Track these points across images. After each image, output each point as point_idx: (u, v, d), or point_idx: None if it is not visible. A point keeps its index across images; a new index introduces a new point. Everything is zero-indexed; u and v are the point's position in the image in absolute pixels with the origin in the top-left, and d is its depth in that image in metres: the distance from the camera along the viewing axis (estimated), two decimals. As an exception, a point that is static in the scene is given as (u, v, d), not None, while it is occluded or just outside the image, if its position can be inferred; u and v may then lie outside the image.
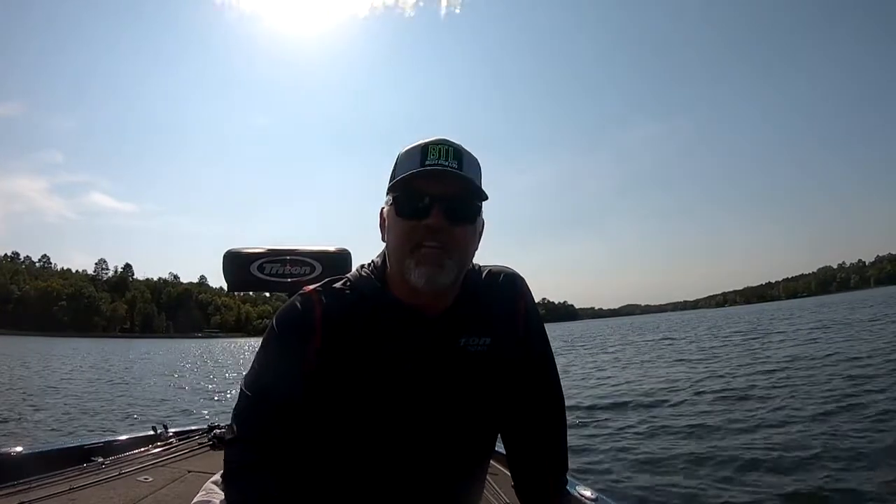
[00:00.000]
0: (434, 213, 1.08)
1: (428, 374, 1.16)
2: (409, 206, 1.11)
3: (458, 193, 1.11)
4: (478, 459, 1.30)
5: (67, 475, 2.33)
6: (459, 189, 1.11)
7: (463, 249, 1.14)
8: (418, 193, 1.10)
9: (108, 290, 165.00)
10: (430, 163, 1.10)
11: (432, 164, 1.09)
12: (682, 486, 4.65)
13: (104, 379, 18.69)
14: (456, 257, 1.12)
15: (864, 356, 11.66)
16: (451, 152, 1.12)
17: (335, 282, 1.21)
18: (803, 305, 76.41)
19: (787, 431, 6.10)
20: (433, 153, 1.11)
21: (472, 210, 1.14)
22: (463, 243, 1.14)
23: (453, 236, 1.11)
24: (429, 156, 1.10)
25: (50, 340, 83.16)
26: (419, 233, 1.09)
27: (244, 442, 1.11)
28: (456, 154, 1.12)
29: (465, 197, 1.12)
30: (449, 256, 1.10)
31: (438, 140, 1.13)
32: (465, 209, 1.13)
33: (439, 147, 1.12)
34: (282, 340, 1.16)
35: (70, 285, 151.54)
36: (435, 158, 1.10)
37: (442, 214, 1.08)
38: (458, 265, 1.13)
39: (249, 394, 1.14)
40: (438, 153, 1.11)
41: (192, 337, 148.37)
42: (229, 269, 2.53)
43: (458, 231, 1.12)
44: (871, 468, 4.65)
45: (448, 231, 1.09)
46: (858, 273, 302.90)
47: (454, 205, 1.10)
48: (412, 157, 1.12)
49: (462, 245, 1.14)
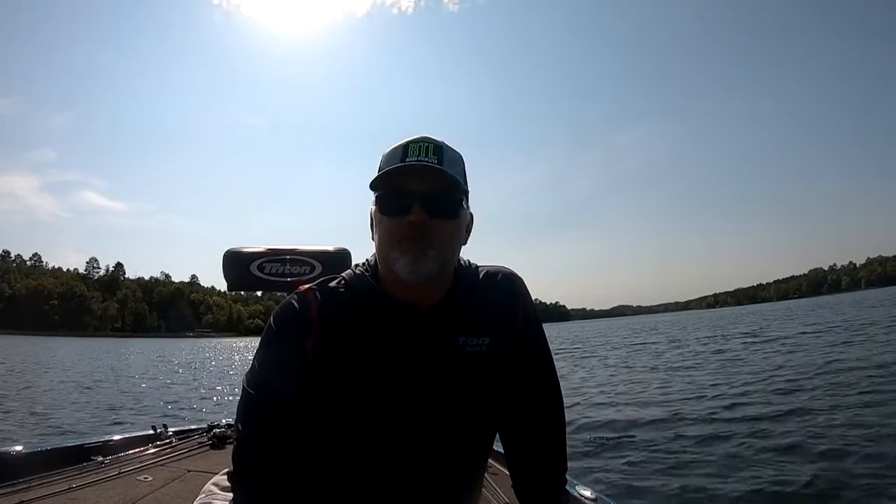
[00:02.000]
0: (415, 209, 1.09)
1: (424, 371, 1.16)
2: (390, 203, 1.13)
3: (438, 189, 1.12)
4: (476, 459, 1.30)
5: (67, 474, 2.33)
6: (439, 184, 1.12)
7: (446, 242, 1.14)
8: (398, 190, 1.11)
9: (99, 289, 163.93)
10: (409, 160, 1.11)
11: (412, 160, 1.11)
12: (683, 486, 4.67)
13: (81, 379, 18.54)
14: (438, 247, 1.12)
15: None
16: (432, 149, 1.13)
17: (330, 280, 1.22)
18: (798, 305, 76.64)
19: (790, 431, 6.11)
20: (413, 151, 1.12)
21: (452, 204, 1.15)
22: (446, 236, 1.14)
23: (434, 230, 1.11)
24: (409, 153, 1.12)
25: (41, 340, 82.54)
26: (402, 229, 1.10)
27: (253, 442, 1.11)
28: (436, 150, 1.13)
29: (445, 192, 1.13)
30: (430, 246, 1.10)
31: (420, 138, 1.14)
32: (446, 204, 1.13)
33: (419, 144, 1.13)
34: (280, 338, 1.16)
35: (61, 284, 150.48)
36: (415, 156, 1.11)
37: (422, 210, 1.09)
38: (440, 255, 1.13)
39: (253, 392, 1.13)
40: (419, 150, 1.12)
41: (183, 336, 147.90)
42: (229, 269, 2.52)
43: (440, 225, 1.12)
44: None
45: (429, 225, 1.10)
46: (849, 275, 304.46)
47: (434, 200, 1.11)
48: (394, 155, 1.14)
49: (445, 238, 1.14)
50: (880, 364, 10.29)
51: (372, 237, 1.22)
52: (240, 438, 1.13)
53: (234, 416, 1.17)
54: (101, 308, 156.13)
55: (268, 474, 1.08)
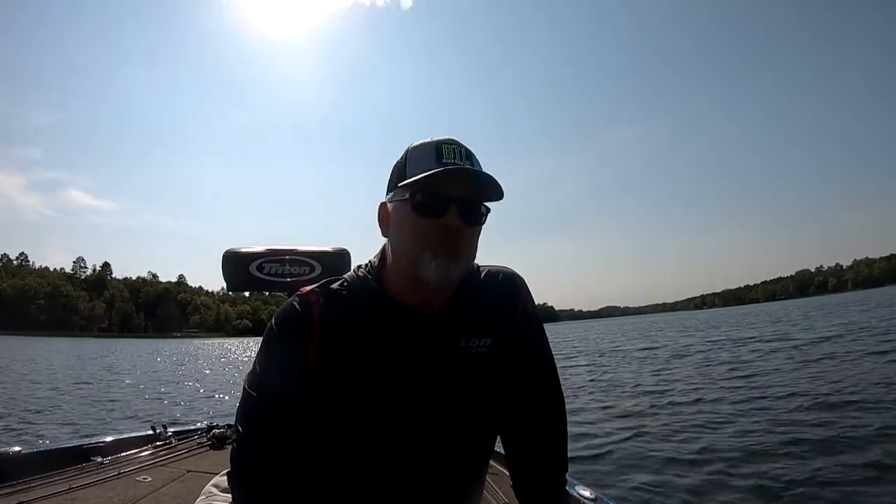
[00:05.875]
0: (451, 213, 1.08)
1: (426, 372, 1.16)
2: (428, 205, 1.09)
3: (475, 194, 1.11)
4: (477, 459, 1.30)
5: (67, 475, 2.32)
6: (475, 190, 1.11)
7: (473, 249, 1.16)
8: (439, 193, 1.09)
9: (86, 288, 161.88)
10: (446, 162, 1.09)
11: (449, 163, 1.10)
12: (683, 487, 4.69)
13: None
14: (466, 256, 1.13)
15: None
16: (464, 153, 1.12)
17: (332, 282, 1.21)
18: (785, 307, 76.96)
19: (791, 431, 6.11)
20: (448, 153, 1.10)
21: (484, 212, 1.14)
22: (474, 244, 1.15)
23: (466, 236, 1.11)
24: (444, 155, 1.10)
25: (31, 340, 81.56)
26: (435, 231, 1.08)
27: (253, 443, 1.10)
28: (468, 154, 1.12)
29: (479, 198, 1.12)
30: (460, 254, 1.11)
31: (449, 140, 1.13)
32: (479, 211, 1.13)
33: (453, 147, 1.11)
34: (282, 341, 1.15)
35: (48, 284, 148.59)
36: (451, 158, 1.10)
37: (459, 215, 1.08)
38: (466, 264, 1.15)
39: (254, 394, 1.12)
40: (453, 153, 1.11)
41: (170, 337, 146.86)
42: (228, 269, 2.52)
43: (471, 231, 1.12)
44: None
45: (462, 231, 1.10)
46: (836, 276, 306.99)
47: (470, 206, 1.10)
48: (426, 155, 1.11)
49: (473, 245, 1.15)
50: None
51: (383, 233, 1.21)
52: (239, 440, 1.12)
53: (234, 416, 1.17)
54: (88, 308, 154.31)
55: (267, 475, 1.07)
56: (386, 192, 1.20)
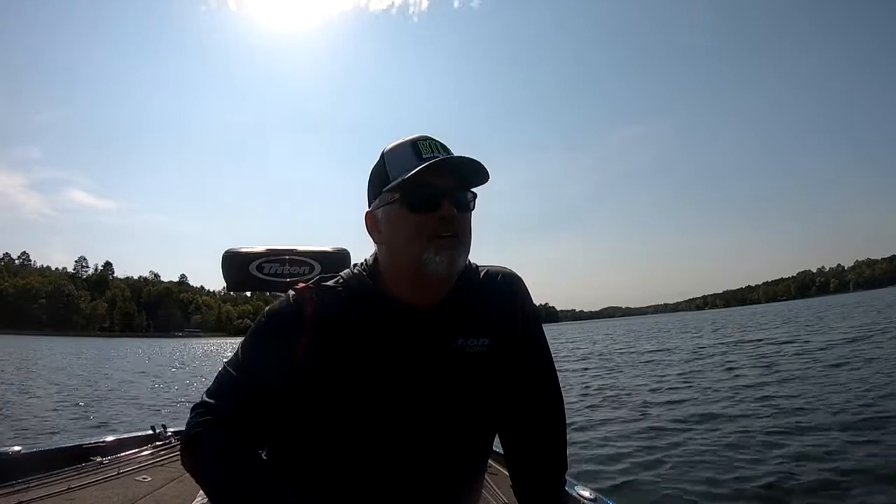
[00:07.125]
0: (445, 204, 1.10)
1: (423, 371, 1.16)
2: (420, 200, 1.11)
3: (460, 183, 1.14)
4: (476, 459, 1.30)
5: (66, 475, 2.33)
6: (462, 178, 1.14)
7: (470, 235, 1.17)
8: (428, 187, 1.11)
9: (87, 288, 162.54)
10: (427, 157, 1.11)
11: (429, 158, 1.11)
12: (683, 487, 4.69)
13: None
14: (466, 243, 1.16)
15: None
16: (439, 146, 1.14)
17: (328, 280, 1.22)
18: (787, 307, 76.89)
19: (792, 431, 6.13)
20: (425, 148, 1.12)
21: (473, 198, 1.17)
22: (469, 230, 1.17)
23: (461, 224, 1.13)
24: (423, 151, 1.12)
25: (31, 339, 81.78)
26: (433, 224, 1.10)
27: (216, 408, 1.09)
28: (443, 147, 1.15)
29: (467, 186, 1.15)
30: (460, 241, 1.13)
31: (422, 136, 1.15)
32: (469, 197, 1.16)
33: (429, 142, 1.13)
34: (270, 330, 1.16)
35: (49, 283, 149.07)
36: (429, 153, 1.12)
37: (452, 205, 1.11)
38: (467, 250, 1.17)
39: (231, 371, 1.14)
40: (430, 148, 1.13)
41: (172, 336, 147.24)
42: (228, 269, 2.53)
43: (465, 218, 1.15)
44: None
45: (458, 219, 1.12)
46: (838, 277, 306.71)
47: (460, 194, 1.13)
48: (405, 154, 1.13)
49: (469, 231, 1.17)
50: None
51: (375, 240, 1.21)
52: (202, 402, 1.12)
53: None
54: (90, 307, 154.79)
55: (228, 435, 1.07)
56: (368, 200, 1.21)
